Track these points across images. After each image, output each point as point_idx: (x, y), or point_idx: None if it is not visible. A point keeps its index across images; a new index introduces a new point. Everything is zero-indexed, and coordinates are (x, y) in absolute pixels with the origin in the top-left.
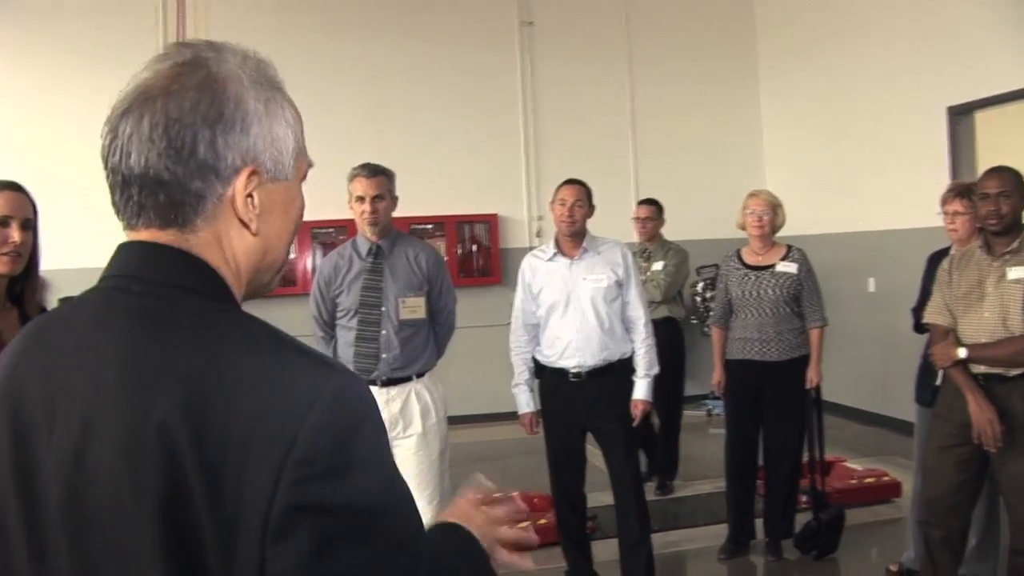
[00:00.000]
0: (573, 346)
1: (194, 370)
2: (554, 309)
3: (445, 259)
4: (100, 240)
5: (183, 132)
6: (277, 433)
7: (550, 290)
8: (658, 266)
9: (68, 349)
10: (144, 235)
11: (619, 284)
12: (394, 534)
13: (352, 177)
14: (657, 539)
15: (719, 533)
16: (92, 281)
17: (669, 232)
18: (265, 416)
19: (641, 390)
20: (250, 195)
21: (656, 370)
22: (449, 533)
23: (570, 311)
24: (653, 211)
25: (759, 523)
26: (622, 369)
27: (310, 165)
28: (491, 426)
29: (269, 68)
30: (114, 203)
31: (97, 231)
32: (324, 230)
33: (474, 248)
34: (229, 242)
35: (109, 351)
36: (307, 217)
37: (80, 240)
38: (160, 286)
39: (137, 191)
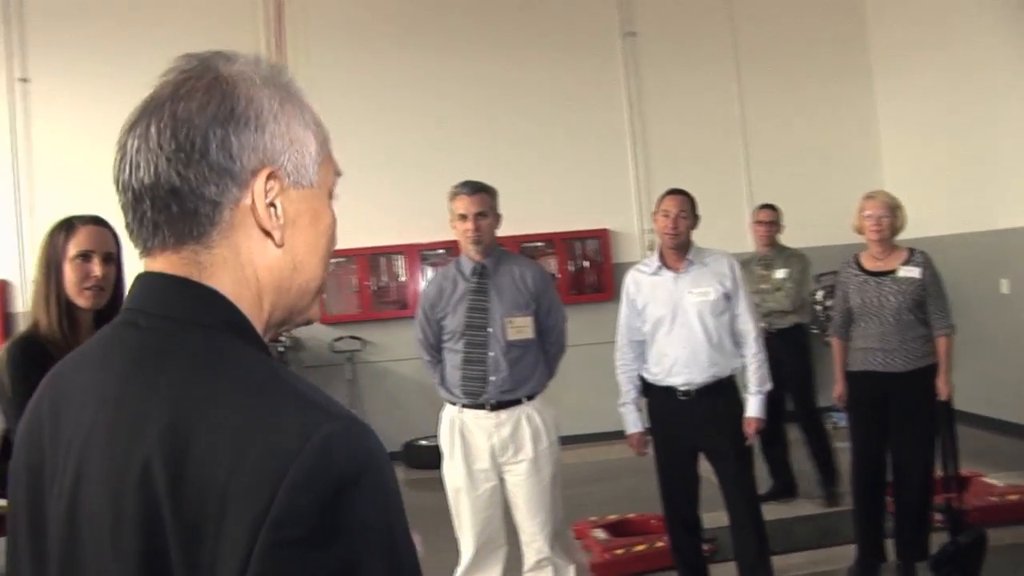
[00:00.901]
0: (681, 363)
1: (181, 413)
2: (660, 324)
3: (556, 276)
4: None
5: (192, 133)
6: (254, 490)
7: (655, 305)
8: (780, 274)
9: (76, 386)
10: (159, 262)
11: (727, 296)
12: None
13: (453, 195)
14: (778, 561)
15: (846, 555)
16: None
17: (785, 239)
18: (244, 466)
19: (754, 407)
20: (272, 202)
21: (769, 386)
22: None
23: (676, 326)
24: (774, 215)
25: (890, 544)
26: (732, 385)
27: (338, 174)
28: (610, 444)
29: (284, 73)
30: (127, 226)
31: None
32: (435, 252)
33: (585, 264)
34: (250, 257)
35: (105, 390)
36: (417, 239)
37: None
38: (165, 320)
39: (149, 206)
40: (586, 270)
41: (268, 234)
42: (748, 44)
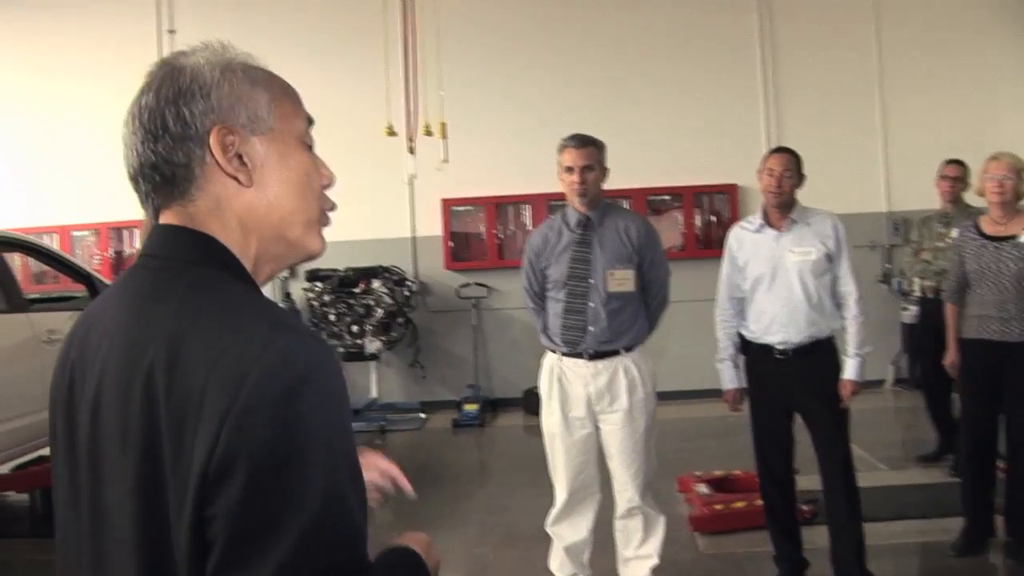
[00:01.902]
0: (779, 321)
1: (175, 331)
2: (760, 282)
3: (682, 231)
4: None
5: (153, 116)
6: (226, 385)
7: (756, 262)
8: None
9: (99, 318)
10: (163, 219)
11: (829, 257)
12: (324, 492)
13: (561, 148)
14: (881, 528)
15: (955, 527)
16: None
17: (922, 201)
18: (219, 371)
19: (851, 369)
20: (237, 153)
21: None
22: (401, 553)
23: (776, 284)
24: (960, 171)
25: (1000, 520)
26: (830, 347)
27: (310, 122)
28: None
29: (229, 49)
30: (140, 203)
31: None
32: (561, 202)
33: (713, 219)
34: (228, 202)
35: (121, 316)
36: (544, 189)
37: None
38: (169, 260)
39: (143, 182)
40: (712, 225)
41: (233, 177)
42: None
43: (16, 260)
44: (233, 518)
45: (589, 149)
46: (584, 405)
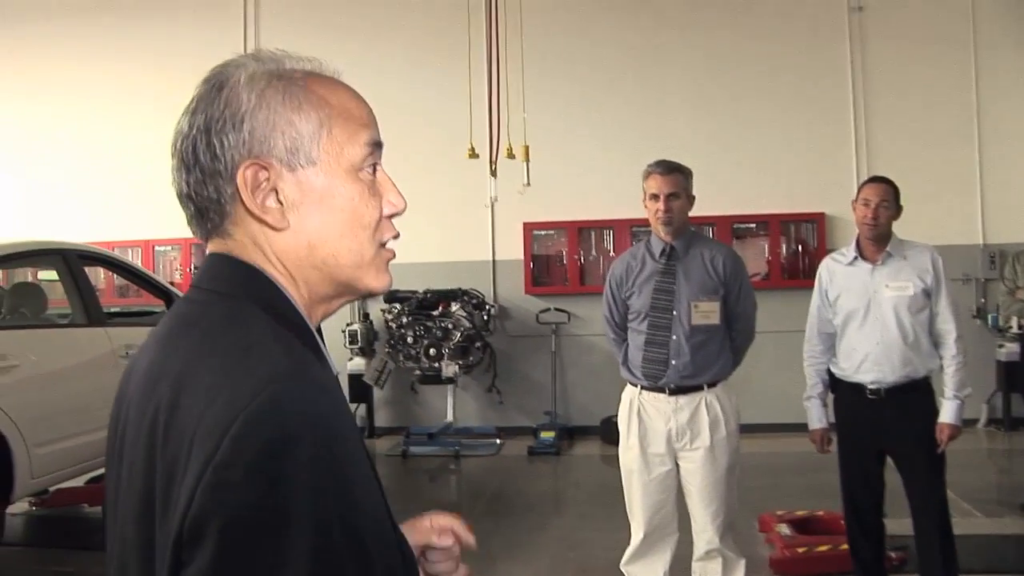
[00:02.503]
0: (872, 359)
1: (183, 370)
2: (852, 317)
3: (767, 259)
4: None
5: (186, 145)
6: (210, 437)
7: (848, 296)
8: None
9: (143, 352)
10: (208, 248)
11: (927, 293)
12: (311, 565)
13: (647, 174)
14: None
15: None
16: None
17: (1019, 232)
18: (207, 421)
19: (949, 413)
20: (272, 189)
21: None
22: None
23: (869, 320)
24: None
25: None
26: (927, 387)
27: (378, 145)
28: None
29: (284, 60)
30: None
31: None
32: (645, 228)
33: (799, 248)
34: (267, 243)
35: (150, 351)
36: (628, 215)
37: None
38: (209, 293)
39: (184, 210)
40: (800, 255)
41: (262, 221)
42: (987, 20)
43: (100, 274)
44: None
45: (675, 176)
46: (664, 441)
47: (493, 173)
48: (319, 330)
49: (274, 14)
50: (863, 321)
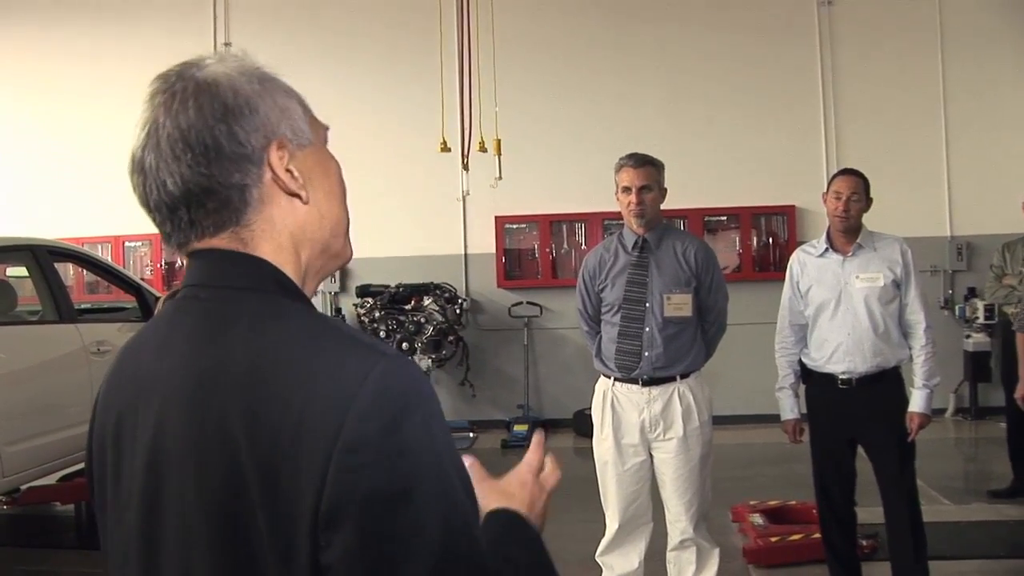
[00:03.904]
0: (843, 350)
1: (248, 371)
2: (823, 308)
3: (738, 252)
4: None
5: (202, 136)
6: (324, 423)
7: (819, 288)
8: None
9: (151, 353)
10: (202, 245)
11: (897, 284)
12: (444, 522)
13: (619, 167)
14: (946, 567)
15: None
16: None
17: (992, 224)
18: (313, 409)
19: (919, 402)
20: (288, 169)
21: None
22: (503, 523)
23: (840, 311)
24: None
25: None
26: (896, 377)
27: (326, 128)
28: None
29: (248, 57)
30: (165, 235)
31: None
32: (617, 222)
33: (770, 241)
34: (284, 221)
35: (177, 356)
36: (600, 208)
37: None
38: (222, 290)
39: (186, 211)
40: (771, 247)
41: (295, 195)
42: (954, 13)
43: (71, 270)
44: (351, 567)
45: (648, 169)
46: (638, 432)
47: (465, 167)
48: None
49: (243, 14)
50: (834, 312)
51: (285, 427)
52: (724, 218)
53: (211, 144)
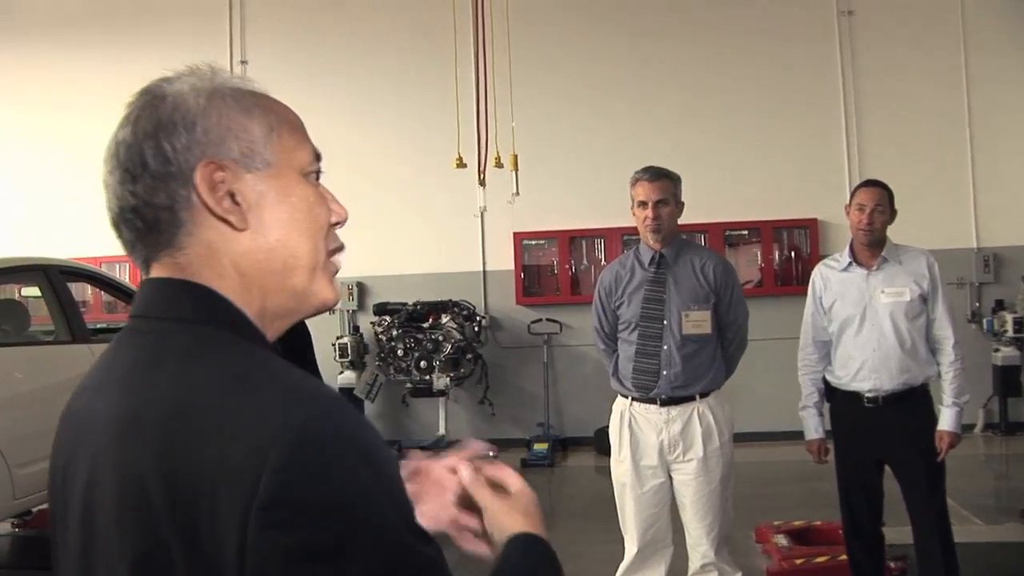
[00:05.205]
0: (868, 367)
1: (169, 417)
2: (848, 324)
3: (760, 266)
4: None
5: (131, 152)
6: (241, 477)
7: (843, 303)
8: None
9: (91, 393)
10: (153, 272)
11: (923, 298)
12: None
13: (634, 181)
14: None
15: None
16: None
17: (1020, 234)
18: (231, 458)
19: (948, 420)
20: (228, 192)
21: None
22: (541, 554)
23: (866, 327)
24: None
25: None
26: (924, 395)
27: (316, 155)
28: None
29: (220, 73)
30: (129, 255)
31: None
32: (636, 237)
33: (792, 255)
34: (223, 248)
35: (108, 397)
36: (620, 223)
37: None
38: (160, 321)
39: (124, 229)
40: (793, 261)
41: (224, 220)
42: (978, 22)
43: (88, 290)
44: None
45: (663, 182)
46: (656, 454)
47: (482, 183)
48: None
49: (260, 32)
50: (859, 328)
51: (204, 479)
52: (745, 232)
53: (137, 161)
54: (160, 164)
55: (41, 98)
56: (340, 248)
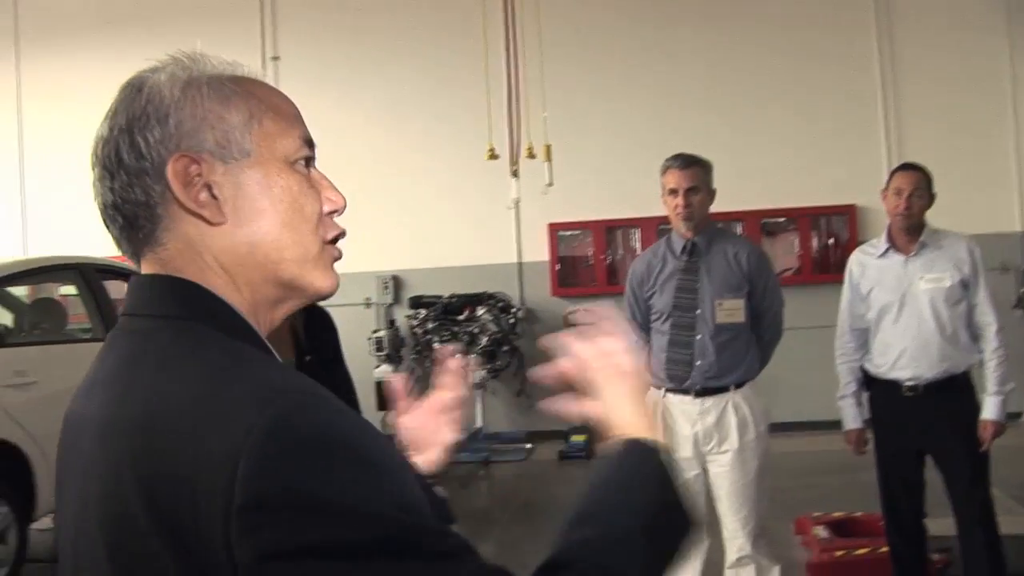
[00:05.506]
0: (908, 355)
1: (143, 421)
2: (886, 312)
3: (798, 253)
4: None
5: (107, 148)
6: (216, 481)
7: (881, 290)
8: None
9: (85, 390)
10: (142, 269)
11: (964, 284)
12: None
13: (664, 169)
14: None
15: None
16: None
17: None
18: (203, 465)
19: (992, 409)
20: (205, 184)
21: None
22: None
23: (905, 315)
24: None
25: None
26: (966, 383)
27: (310, 142)
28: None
29: (203, 61)
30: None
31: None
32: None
33: (830, 242)
34: (203, 242)
35: (96, 398)
36: (654, 212)
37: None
38: (145, 319)
39: (110, 226)
40: (830, 248)
41: (196, 215)
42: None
43: (124, 288)
44: None
45: (694, 170)
46: (690, 445)
47: (514, 174)
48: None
49: (292, 30)
50: (898, 315)
51: (182, 481)
52: (782, 219)
53: (113, 157)
54: (134, 159)
55: (81, 98)
56: (340, 235)
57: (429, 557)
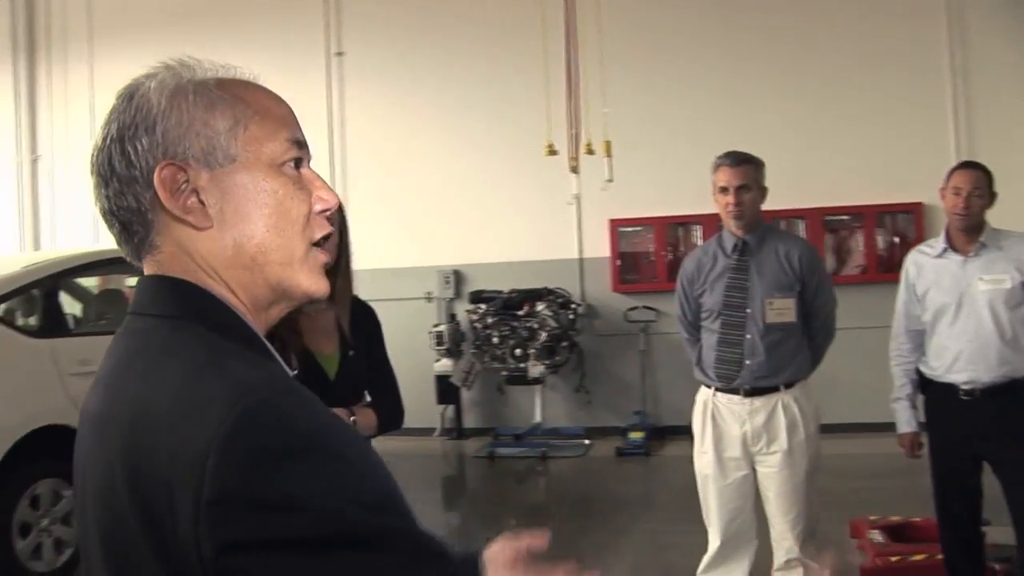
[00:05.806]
0: (965, 358)
1: (132, 418)
2: (943, 313)
3: (862, 252)
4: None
5: (101, 157)
6: (188, 476)
7: (938, 291)
8: None
9: (93, 387)
10: (144, 271)
11: None
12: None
13: (715, 167)
14: None
15: None
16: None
17: None
18: (178, 460)
19: None
20: (193, 190)
21: None
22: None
23: (962, 316)
24: None
25: None
26: None
27: (299, 143)
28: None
29: (193, 67)
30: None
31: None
32: None
33: (896, 241)
34: (194, 247)
35: (98, 395)
36: (713, 209)
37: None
38: (146, 318)
39: (110, 229)
40: (895, 247)
41: (182, 220)
42: None
43: None
44: None
45: (745, 167)
46: (740, 445)
47: (574, 170)
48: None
49: (355, 23)
50: (955, 317)
51: (159, 476)
52: (846, 217)
53: (106, 165)
54: (125, 168)
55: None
56: (327, 236)
57: (389, 553)
